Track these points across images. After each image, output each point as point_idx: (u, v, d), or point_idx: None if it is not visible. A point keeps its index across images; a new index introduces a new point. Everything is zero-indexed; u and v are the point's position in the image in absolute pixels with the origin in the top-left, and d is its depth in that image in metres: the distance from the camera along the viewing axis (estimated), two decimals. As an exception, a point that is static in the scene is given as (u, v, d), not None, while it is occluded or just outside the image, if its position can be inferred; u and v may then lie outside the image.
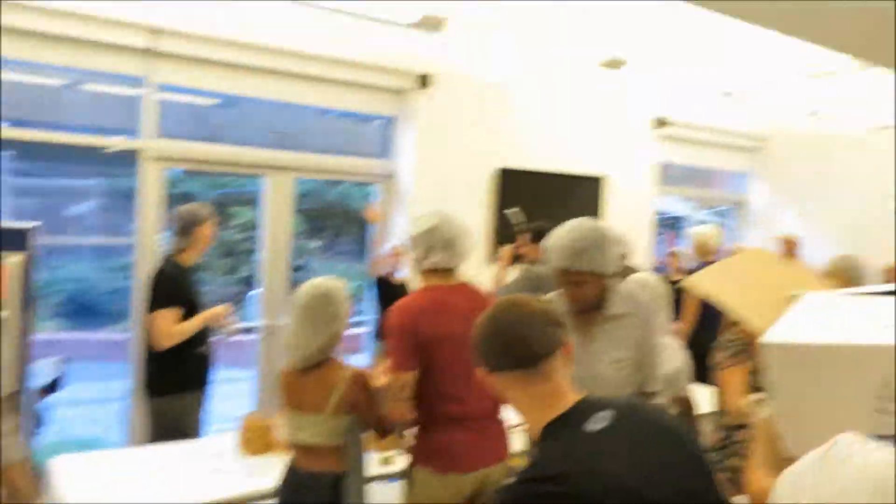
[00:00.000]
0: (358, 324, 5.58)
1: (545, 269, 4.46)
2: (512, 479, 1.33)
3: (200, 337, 3.39)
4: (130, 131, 4.42)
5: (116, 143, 4.35)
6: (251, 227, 8.36)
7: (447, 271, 2.49)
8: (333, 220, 10.05)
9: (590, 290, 2.30)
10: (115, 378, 4.84)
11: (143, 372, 3.42)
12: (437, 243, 2.44)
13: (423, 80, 5.33)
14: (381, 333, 4.95)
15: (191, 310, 3.31)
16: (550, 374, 1.39)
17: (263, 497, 2.62)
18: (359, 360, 5.02)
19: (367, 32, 4.93)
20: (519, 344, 1.38)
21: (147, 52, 4.28)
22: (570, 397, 1.40)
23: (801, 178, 7.84)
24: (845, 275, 3.36)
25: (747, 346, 2.42)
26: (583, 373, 2.09)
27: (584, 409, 1.37)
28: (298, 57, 4.85)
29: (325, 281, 2.39)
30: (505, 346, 1.39)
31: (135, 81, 4.39)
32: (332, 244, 10.26)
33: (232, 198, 9.13)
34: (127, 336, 4.35)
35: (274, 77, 4.87)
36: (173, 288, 3.27)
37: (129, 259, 4.42)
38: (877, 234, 6.63)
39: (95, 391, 6.89)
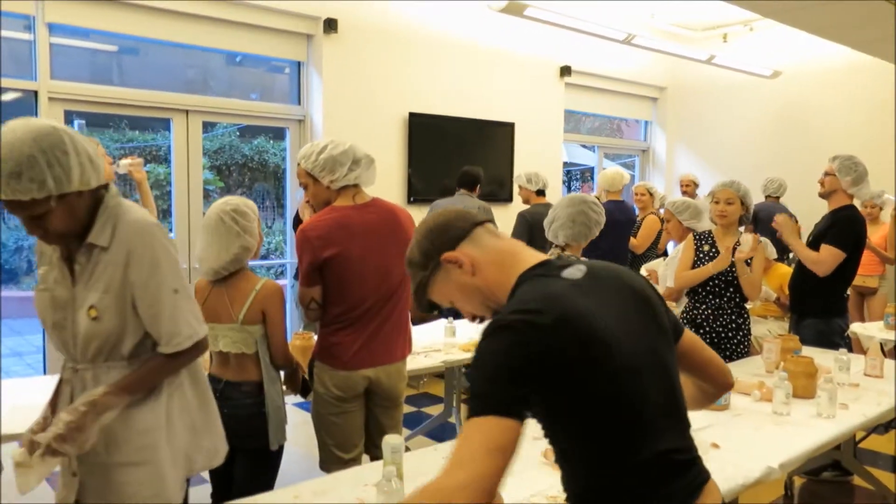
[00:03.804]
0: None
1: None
2: (500, 315, 1.21)
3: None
4: (27, 77, 4.34)
5: (12, 83, 4.26)
6: (164, 183, 8.19)
7: (356, 188, 2.55)
8: (250, 175, 9.93)
9: (56, 219, 1.65)
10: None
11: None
12: (346, 161, 2.49)
13: (330, 25, 5.39)
14: (297, 273, 5.07)
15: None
16: (500, 233, 1.41)
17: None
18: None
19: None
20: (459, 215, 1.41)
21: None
22: (537, 255, 1.36)
23: (696, 125, 8.34)
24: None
25: None
26: (68, 320, 1.75)
27: (556, 262, 1.32)
28: (202, -1, 4.84)
29: (233, 198, 2.48)
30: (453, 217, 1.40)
31: (25, 22, 4.30)
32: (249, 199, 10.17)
33: (140, 152, 8.91)
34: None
35: (178, 20, 4.84)
36: None
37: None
38: (763, 172, 7.16)
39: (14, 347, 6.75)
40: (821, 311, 3.80)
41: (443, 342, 3.65)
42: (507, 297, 1.29)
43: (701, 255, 3.55)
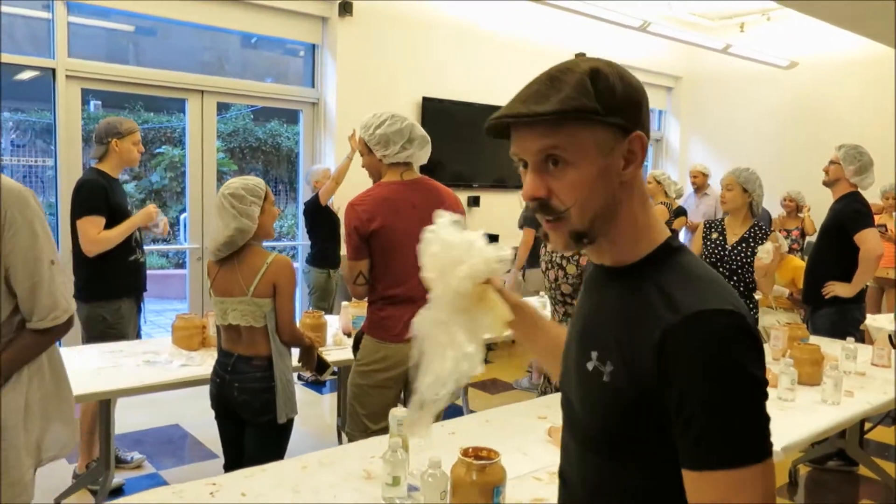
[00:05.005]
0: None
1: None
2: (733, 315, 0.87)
3: (133, 245, 3.47)
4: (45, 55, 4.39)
5: (30, 61, 4.31)
6: (179, 165, 8.26)
7: (406, 166, 2.61)
8: (264, 158, 9.99)
9: None
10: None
11: (75, 279, 3.45)
12: (399, 140, 2.56)
13: (345, 8, 5.40)
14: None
15: (117, 219, 3.33)
16: None
17: (197, 383, 2.79)
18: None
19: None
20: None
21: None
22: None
23: (711, 114, 8.30)
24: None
25: None
26: None
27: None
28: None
29: (235, 180, 2.50)
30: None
31: (44, 2, 4.34)
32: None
33: (155, 134, 8.98)
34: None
35: (195, 1, 4.87)
36: (95, 196, 3.28)
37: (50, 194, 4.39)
38: (776, 164, 7.11)
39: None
40: (836, 300, 3.79)
41: (451, 324, 3.67)
42: (625, 239, 0.99)
43: (708, 244, 3.56)
